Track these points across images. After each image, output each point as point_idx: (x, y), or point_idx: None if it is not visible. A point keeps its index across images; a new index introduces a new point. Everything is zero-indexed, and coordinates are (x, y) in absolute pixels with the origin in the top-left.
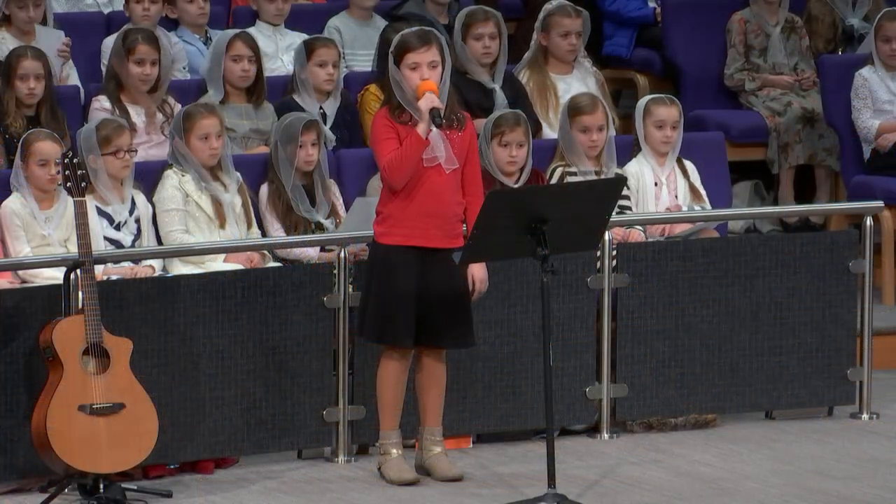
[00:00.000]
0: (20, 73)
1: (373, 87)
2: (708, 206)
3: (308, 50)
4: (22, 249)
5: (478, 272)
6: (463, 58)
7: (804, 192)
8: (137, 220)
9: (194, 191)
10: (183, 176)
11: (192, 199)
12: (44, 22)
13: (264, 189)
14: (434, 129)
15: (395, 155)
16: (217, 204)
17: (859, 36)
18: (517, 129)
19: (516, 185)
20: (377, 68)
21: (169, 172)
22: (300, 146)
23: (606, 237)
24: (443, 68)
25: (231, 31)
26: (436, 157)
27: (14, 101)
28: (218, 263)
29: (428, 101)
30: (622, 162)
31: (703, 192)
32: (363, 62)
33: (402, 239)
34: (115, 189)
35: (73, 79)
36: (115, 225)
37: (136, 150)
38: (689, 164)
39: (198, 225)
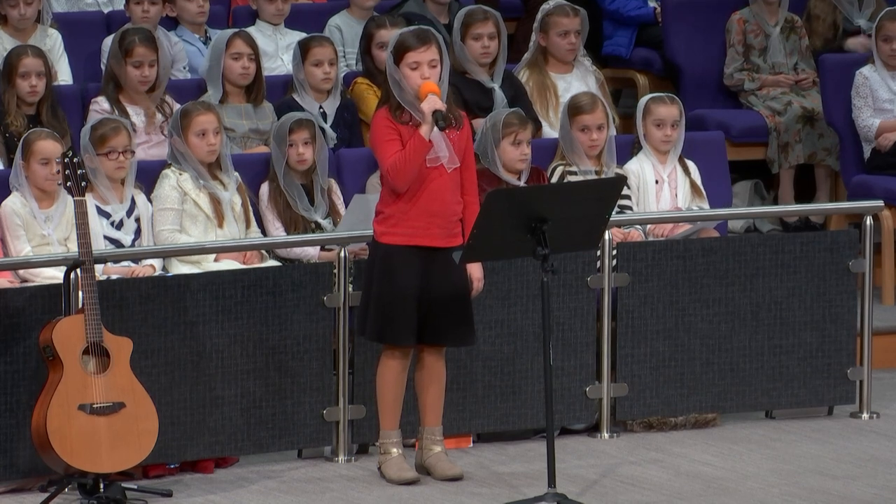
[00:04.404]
0: (21, 71)
1: (360, 79)
2: (707, 205)
3: (303, 50)
4: (22, 249)
5: (475, 271)
6: (462, 58)
7: (804, 191)
8: (137, 220)
9: (192, 189)
10: (181, 175)
11: (189, 197)
12: (40, 21)
13: (265, 188)
14: (436, 129)
15: (398, 158)
16: (216, 202)
17: (867, 36)
18: (528, 127)
19: (520, 182)
20: (361, 62)
21: (167, 171)
22: (290, 145)
23: (606, 237)
24: (441, 67)
25: (230, 31)
26: (438, 157)
27: (15, 100)
28: (211, 260)
29: (431, 104)
30: (622, 162)
31: (703, 191)
32: None
33: (405, 238)
34: (113, 189)
35: (65, 74)
36: (111, 222)
37: (133, 152)
38: (690, 163)
39: (195, 223)
